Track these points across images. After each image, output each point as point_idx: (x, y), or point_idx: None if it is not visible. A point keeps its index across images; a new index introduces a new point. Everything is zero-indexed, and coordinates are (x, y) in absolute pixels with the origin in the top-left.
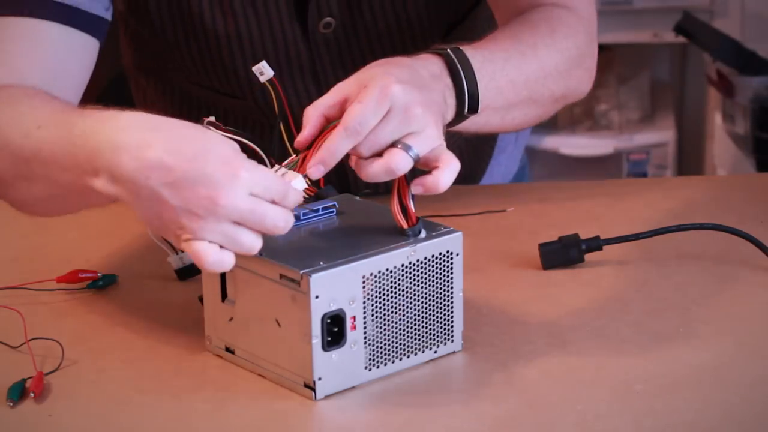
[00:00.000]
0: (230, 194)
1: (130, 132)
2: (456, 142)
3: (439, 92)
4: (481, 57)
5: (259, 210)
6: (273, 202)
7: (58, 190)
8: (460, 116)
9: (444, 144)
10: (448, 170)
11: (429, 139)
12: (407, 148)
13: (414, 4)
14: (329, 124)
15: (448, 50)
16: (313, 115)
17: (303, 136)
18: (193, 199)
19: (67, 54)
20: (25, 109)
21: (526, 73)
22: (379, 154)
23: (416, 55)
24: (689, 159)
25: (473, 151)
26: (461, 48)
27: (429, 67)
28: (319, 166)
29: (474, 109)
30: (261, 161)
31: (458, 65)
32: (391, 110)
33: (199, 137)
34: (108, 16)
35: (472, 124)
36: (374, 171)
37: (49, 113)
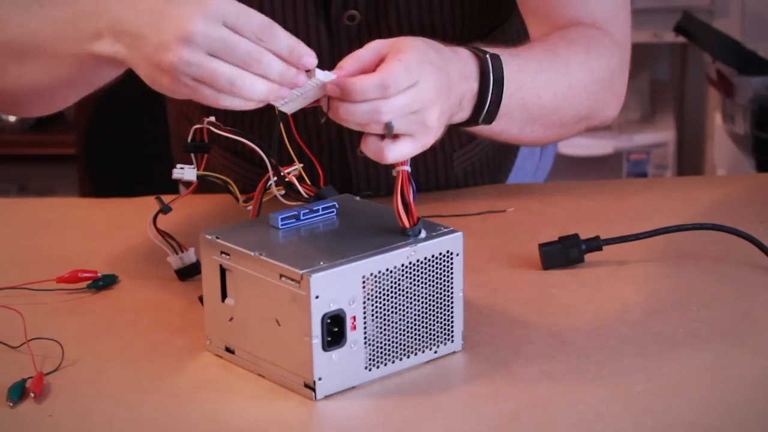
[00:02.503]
0: (198, 21)
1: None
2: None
3: (458, 93)
4: (515, 66)
5: (231, 40)
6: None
7: (50, 69)
8: (473, 121)
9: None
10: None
11: (423, 127)
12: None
13: (440, 12)
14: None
15: (488, 55)
16: (350, 64)
17: (338, 68)
18: (168, 31)
19: None
20: None
21: (554, 88)
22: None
23: (455, 47)
24: (689, 159)
25: (498, 150)
26: (500, 55)
27: (462, 65)
28: (337, 88)
29: (489, 120)
30: (261, 161)
31: (491, 74)
32: (414, 85)
33: None
34: None
35: (484, 129)
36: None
37: None
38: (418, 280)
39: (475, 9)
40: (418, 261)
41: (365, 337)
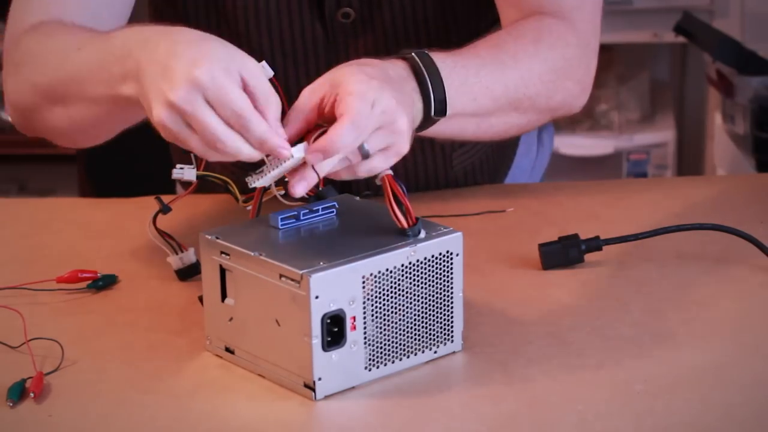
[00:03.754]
0: (205, 68)
1: (146, 33)
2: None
3: (408, 93)
4: (451, 62)
5: (227, 91)
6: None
7: (91, 109)
8: (428, 120)
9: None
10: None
11: (396, 136)
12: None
13: (433, 7)
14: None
15: (413, 54)
16: (293, 119)
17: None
18: (178, 72)
19: (102, 4)
20: (65, 37)
21: (504, 80)
22: None
23: (383, 58)
24: (689, 159)
25: (496, 149)
26: (428, 53)
27: (396, 69)
28: (318, 153)
29: (441, 112)
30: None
31: (423, 68)
32: (376, 103)
33: (196, 42)
34: None
35: (446, 129)
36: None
37: (89, 36)
38: (418, 280)
39: (468, 5)
40: (417, 261)
41: (365, 337)
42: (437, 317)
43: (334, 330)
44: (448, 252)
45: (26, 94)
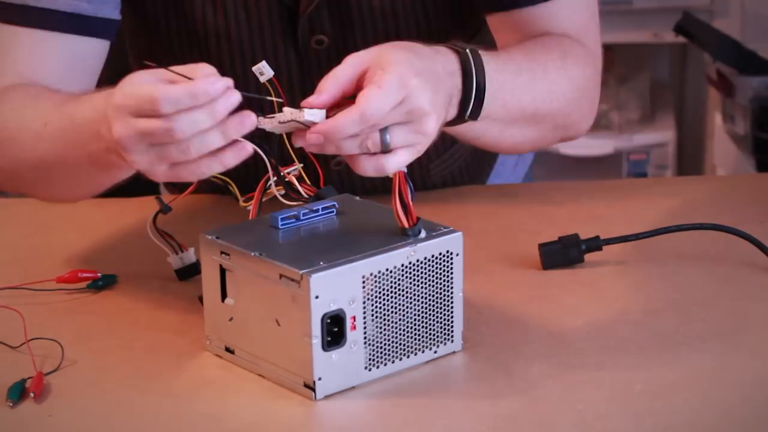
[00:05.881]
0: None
1: (116, 94)
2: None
3: (448, 91)
4: (494, 65)
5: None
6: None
7: (76, 177)
8: (459, 119)
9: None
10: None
11: (421, 137)
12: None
13: (407, 34)
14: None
15: (467, 50)
16: (331, 86)
17: (316, 102)
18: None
19: (74, 62)
20: (31, 112)
21: (533, 91)
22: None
23: (435, 46)
24: (689, 159)
25: (476, 155)
26: (479, 51)
27: (447, 63)
28: (320, 135)
29: (475, 115)
30: (262, 163)
31: (473, 68)
32: (403, 101)
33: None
34: (117, 15)
35: (469, 130)
36: (365, 168)
37: (52, 108)
38: (418, 280)
39: (441, 30)
40: (418, 261)
41: (365, 337)
42: (437, 317)
43: (334, 330)
44: (448, 252)
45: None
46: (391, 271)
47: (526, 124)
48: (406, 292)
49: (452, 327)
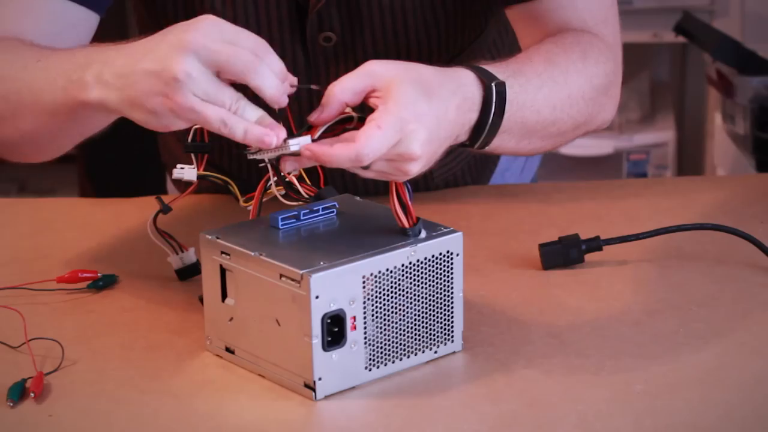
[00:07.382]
0: (196, 34)
1: (107, 50)
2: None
3: (454, 130)
4: (518, 87)
5: (231, 50)
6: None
7: (44, 120)
8: (468, 146)
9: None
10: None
11: (401, 175)
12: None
13: (415, 32)
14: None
15: (494, 84)
16: (335, 99)
17: (318, 118)
18: (168, 49)
19: (63, 27)
20: (26, 51)
21: (553, 102)
22: None
23: (458, 73)
24: (689, 159)
25: (479, 158)
26: (506, 81)
27: (463, 99)
28: (312, 159)
29: (484, 146)
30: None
31: (493, 105)
32: (396, 143)
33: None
34: None
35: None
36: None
37: (51, 51)
38: (418, 280)
39: (450, 27)
40: (418, 261)
41: (365, 337)
42: (437, 317)
43: (335, 330)
44: (448, 252)
45: None
46: (391, 271)
47: (545, 132)
48: (407, 292)
49: (452, 327)
